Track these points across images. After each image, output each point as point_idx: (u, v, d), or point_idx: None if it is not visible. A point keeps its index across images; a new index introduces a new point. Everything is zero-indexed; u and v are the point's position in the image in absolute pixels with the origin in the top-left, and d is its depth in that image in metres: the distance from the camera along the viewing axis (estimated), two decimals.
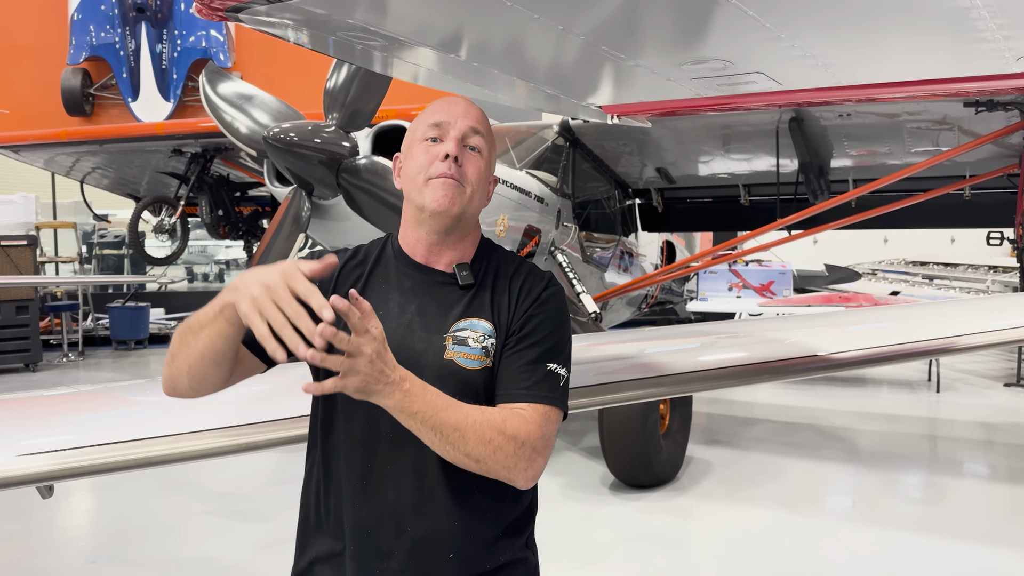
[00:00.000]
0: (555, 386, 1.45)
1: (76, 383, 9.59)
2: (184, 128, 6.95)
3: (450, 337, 1.45)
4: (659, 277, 7.40)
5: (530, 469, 1.38)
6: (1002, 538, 4.45)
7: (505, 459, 1.35)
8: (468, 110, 1.52)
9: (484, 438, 1.33)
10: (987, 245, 6.81)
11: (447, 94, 1.96)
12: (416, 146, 1.51)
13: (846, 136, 5.53)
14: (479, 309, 1.48)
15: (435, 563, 1.42)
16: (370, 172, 3.92)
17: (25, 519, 4.71)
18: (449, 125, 1.49)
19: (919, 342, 2.50)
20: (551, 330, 1.49)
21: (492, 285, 1.51)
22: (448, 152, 1.46)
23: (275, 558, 4.05)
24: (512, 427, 1.37)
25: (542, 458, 1.40)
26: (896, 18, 1.55)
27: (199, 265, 18.30)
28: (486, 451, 1.33)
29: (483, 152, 1.51)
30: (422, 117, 1.54)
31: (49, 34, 12.15)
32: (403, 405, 1.27)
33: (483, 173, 1.52)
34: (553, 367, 1.45)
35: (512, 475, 1.37)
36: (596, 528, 4.56)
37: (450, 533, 1.43)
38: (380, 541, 1.43)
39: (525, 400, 1.42)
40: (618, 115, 2.46)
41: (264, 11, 1.45)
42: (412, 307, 1.49)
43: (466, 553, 1.44)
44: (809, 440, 6.63)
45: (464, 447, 1.32)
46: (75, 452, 1.84)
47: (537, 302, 1.50)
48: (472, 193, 1.49)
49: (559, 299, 1.53)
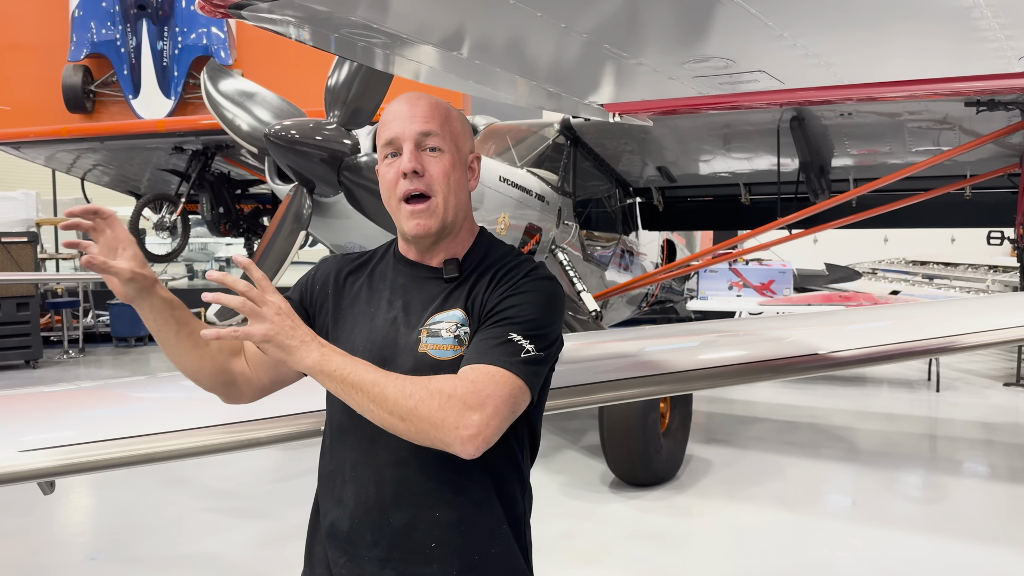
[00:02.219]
0: (511, 352, 1.36)
1: (76, 380, 9.60)
2: (185, 125, 6.94)
3: (425, 330, 1.45)
4: (659, 276, 7.41)
5: (463, 427, 1.26)
6: (1001, 537, 4.45)
7: (430, 414, 1.27)
8: (413, 112, 1.47)
9: (405, 392, 1.28)
10: (987, 245, 6.80)
11: (447, 92, 1.96)
12: (382, 165, 1.51)
13: (847, 135, 5.53)
14: (456, 300, 1.48)
15: (418, 552, 1.43)
16: (371, 170, 3.92)
17: (26, 515, 4.71)
18: (400, 138, 1.47)
19: (919, 341, 2.51)
20: (522, 308, 1.41)
21: (476, 276, 1.50)
22: (405, 169, 1.45)
23: (275, 555, 4.06)
24: (438, 382, 1.31)
25: (478, 415, 1.27)
26: (898, 17, 1.55)
27: (199, 262, 18.31)
28: (408, 405, 1.27)
29: (443, 147, 1.48)
30: (379, 131, 1.51)
31: (50, 31, 12.13)
32: (321, 364, 1.29)
33: (449, 168, 1.48)
34: (515, 338, 1.37)
35: (444, 435, 1.27)
36: (596, 526, 4.56)
37: (431, 522, 1.43)
38: (366, 531, 1.45)
39: (470, 363, 1.35)
40: (619, 113, 2.46)
41: (266, 8, 1.45)
42: (400, 303, 1.51)
43: (450, 542, 1.43)
44: (809, 439, 6.63)
45: (386, 404, 1.27)
46: (76, 448, 1.85)
47: (512, 285, 1.45)
48: (444, 197, 1.47)
49: (540, 285, 1.46)
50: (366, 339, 1.48)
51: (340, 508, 1.49)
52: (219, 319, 4.39)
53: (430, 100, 1.50)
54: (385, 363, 1.42)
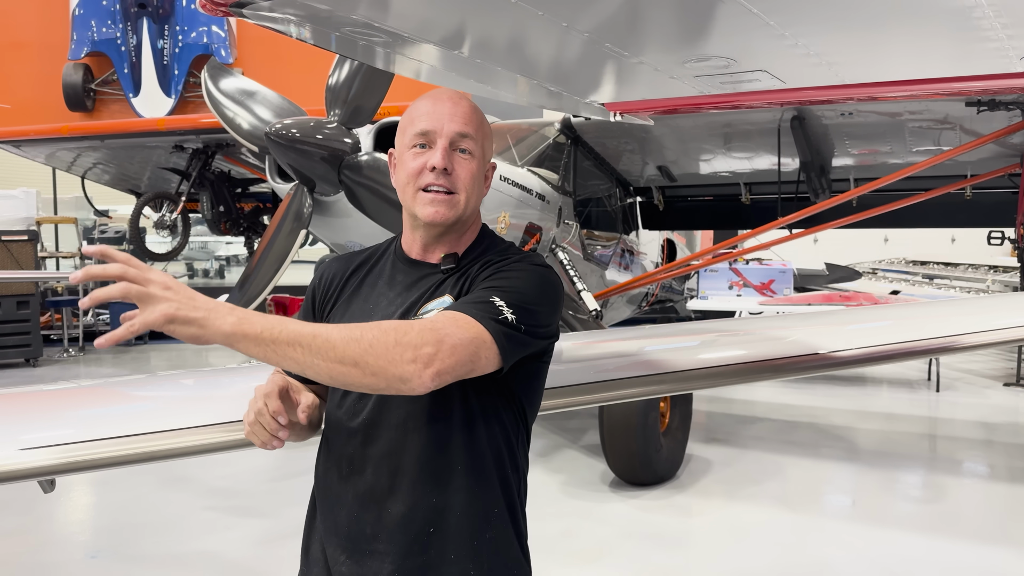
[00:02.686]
0: (487, 310, 1.32)
1: (77, 378, 9.60)
2: (185, 124, 6.95)
3: (415, 318, 1.46)
4: (659, 275, 7.41)
5: (419, 359, 1.20)
6: (1001, 537, 4.46)
7: (386, 351, 1.19)
8: (455, 111, 1.48)
9: (353, 336, 1.20)
10: (988, 245, 6.80)
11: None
12: (405, 153, 1.51)
13: (847, 135, 5.53)
14: (448, 287, 1.49)
15: (417, 540, 1.43)
16: (372, 168, 3.92)
17: (26, 514, 4.71)
18: (436, 133, 1.47)
19: (919, 341, 2.50)
20: (510, 280, 1.40)
21: (470, 268, 1.51)
22: (436, 165, 1.45)
23: (275, 554, 4.06)
24: (389, 323, 1.25)
25: (432, 348, 1.22)
26: (900, 16, 1.55)
27: (200, 261, 18.32)
28: (359, 349, 1.19)
29: (474, 152, 1.50)
30: (410, 118, 1.51)
31: (50, 29, 12.13)
32: (243, 329, 1.17)
33: (476, 173, 1.51)
34: (496, 301, 1.33)
35: (399, 368, 1.20)
36: (596, 525, 4.56)
37: (429, 508, 1.43)
38: (365, 524, 1.45)
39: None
40: (620, 112, 2.46)
41: (267, 6, 1.45)
42: (398, 300, 1.51)
43: (448, 528, 1.44)
44: (809, 439, 6.63)
45: (333, 352, 1.19)
46: (76, 446, 1.85)
47: (504, 263, 1.46)
48: (466, 197, 1.49)
49: (533, 267, 1.46)
50: None
51: (337, 504, 1.49)
52: None
53: (471, 102, 1.53)
54: None
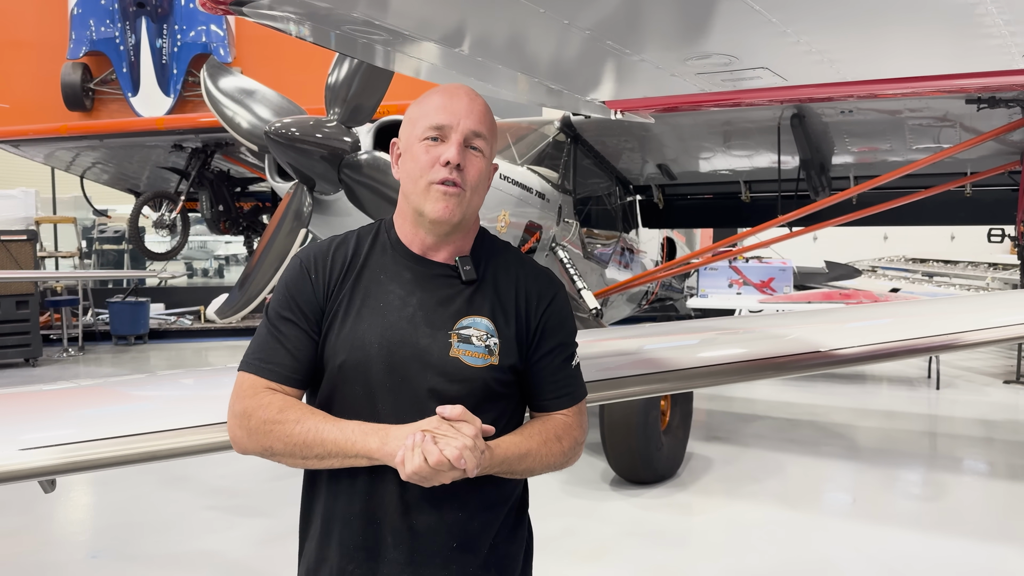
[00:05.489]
0: (580, 378, 1.61)
1: (76, 378, 9.59)
2: (184, 123, 6.93)
3: (455, 335, 1.45)
4: (659, 273, 7.41)
5: (579, 454, 1.59)
6: (1001, 534, 4.46)
7: (566, 461, 1.55)
8: (471, 109, 1.48)
9: (546, 463, 1.51)
10: (988, 242, 6.80)
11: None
12: (416, 144, 1.48)
13: (847, 133, 5.52)
14: (480, 307, 1.48)
15: (440, 554, 1.44)
16: (372, 167, 3.91)
17: (26, 513, 4.71)
18: (451, 128, 1.46)
19: (919, 339, 2.50)
20: (566, 330, 1.59)
21: (494, 282, 1.51)
22: (450, 159, 1.44)
23: (276, 553, 4.06)
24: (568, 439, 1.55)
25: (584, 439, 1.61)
26: (903, 14, 1.54)
27: (199, 260, 18.27)
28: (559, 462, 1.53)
29: (485, 152, 1.50)
30: (423, 111, 1.49)
31: (49, 29, 12.11)
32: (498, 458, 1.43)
33: (484, 171, 1.50)
34: (575, 363, 1.59)
35: (569, 464, 1.58)
36: (597, 524, 4.56)
37: (454, 522, 1.44)
38: (387, 534, 1.45)
39: (566, 406, 1.56)
40: (621, 110, 2.45)
41: (267, 5, 1.45)
42: (413, 300, 1.48)
43: (469, 540, 1.46)
44: (809, 437, 6.63)
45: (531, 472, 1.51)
46: (76, 446, 1.84)
47: (549, 307, 1.56)
48: (473, 195, 1.49)
49: (563, 295, 1.62)
50: (380, 336, 1.45)
51: (353, 517, 1.46)
52: (219, 316, 4.39)
53: (485, 102, 1.53)
54: (404, 362, 1.43)
